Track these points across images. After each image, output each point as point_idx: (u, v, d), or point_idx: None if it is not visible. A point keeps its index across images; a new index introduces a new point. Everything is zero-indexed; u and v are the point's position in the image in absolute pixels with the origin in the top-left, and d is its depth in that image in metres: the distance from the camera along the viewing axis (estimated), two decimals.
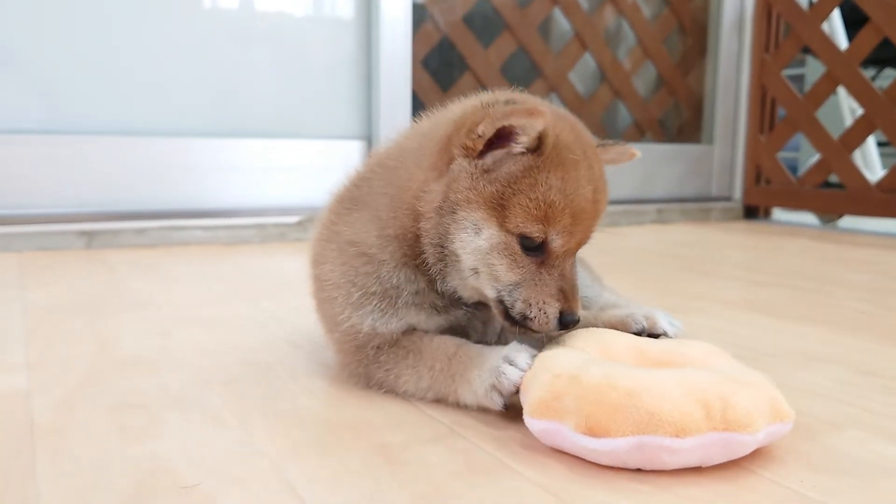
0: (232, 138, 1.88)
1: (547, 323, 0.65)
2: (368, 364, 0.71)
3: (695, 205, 2.56)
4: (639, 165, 2.53)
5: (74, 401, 0.70)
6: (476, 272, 0.67)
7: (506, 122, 0.62)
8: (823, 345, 0.94)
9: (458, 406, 0.67)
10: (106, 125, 1.76)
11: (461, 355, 0.67)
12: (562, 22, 2.43)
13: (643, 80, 2.61)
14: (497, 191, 0.64)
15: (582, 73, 2.48)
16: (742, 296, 1.26)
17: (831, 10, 2.36)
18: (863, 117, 2.26)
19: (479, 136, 0.64)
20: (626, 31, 2.55)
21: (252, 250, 1.73)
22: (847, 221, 2.46)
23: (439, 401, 0.69)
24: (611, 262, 1.62)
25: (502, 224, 0.64)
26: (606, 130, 2.54)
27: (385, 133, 2.02)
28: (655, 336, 0.93)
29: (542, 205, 0.63)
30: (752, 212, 2.67)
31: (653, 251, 1.83)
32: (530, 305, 0.65)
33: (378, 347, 0.70)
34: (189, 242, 1.75)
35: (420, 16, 2.15)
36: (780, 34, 2.53)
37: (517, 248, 0.65)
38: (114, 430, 0.63)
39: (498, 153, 0.65)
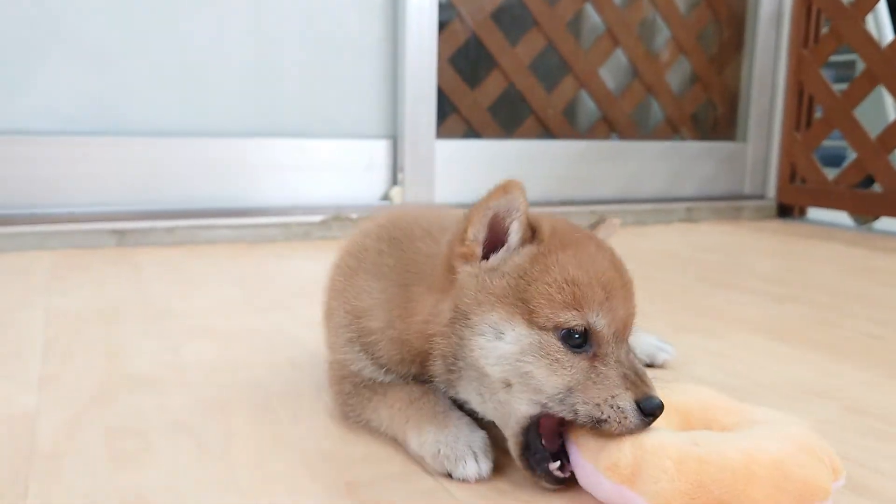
0: (260, 138, 1.92)
1: (626, 418, 0.56)
2: (346, 394, 0.73)
3: (726, 203, 2.52)
4: (668, 163, 2.51)
5: (76, 423, 0.74)
6: (508, 385, 0.59)
7: (484, 209, 0.60)
8: (822, 375, 0.93)
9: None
10: (137, 127, 1.81)
11: (422, 404, 0.67)
12: (593, 16, 2.40)
13: (676, 76, 2.57)
14: (509, 284, 0.59)
15: (613, 68, 2.46)
16: (754, 313, 1.25)
17: (873, 6, 2.29)
18: None
19: (473, 240, 0.61)
20: (660, 24, 2.52)
21: (276, 249, 1.77)
22: (884, 223, 2.40)
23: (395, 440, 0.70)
24: (631, 269, 1.62)
25: (531, 320, 0.58)
26: (638, 127, 2.51)
27: (410, 132, 2.04)
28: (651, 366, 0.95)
29: (565, 285, 0.58)
30: (787, 211, 2.62)
31: (675, 255, 1.82)
32: (598, 406, 0.56)
33: (356, 385, 0.72)
34: (216, 241, 1.80)
35: (447, 14, 2.15)
36: (820, 29, 2.47)
37: (558, 345, 0.57)
38: (107, 456, 0.67)
39: (500, 253, 0.61)
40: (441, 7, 2.07)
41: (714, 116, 2.66)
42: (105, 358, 0.94)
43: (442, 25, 2.12)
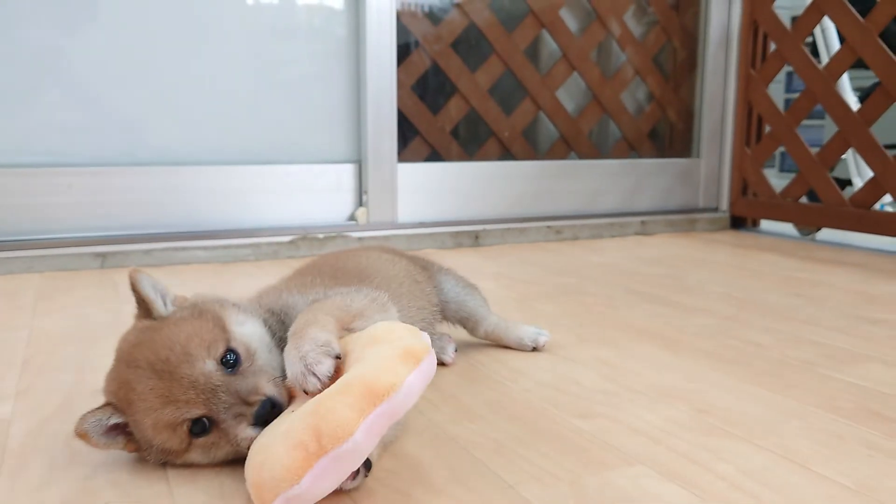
0: (233, 165, 2.08)
1: None
2: None
3: (680, 216, 2.67)
4: (625, 179, 2.66)
5: (42, 429, 0.89)
6: None
7: None
8: (687, 380, 1.08)
9: None
10: (116, 158, 1.97)
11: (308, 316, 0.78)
12: (550, 43, 2.56)
13: (633, 96, 2.72)
14: None
15: (571, 90, 2.61)
16: (660, 325, 1.40)
17: (811, 29, 2.44)
18: (837, 135, 2.35)
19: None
20: (615, 48, 2.67)
21: (246, 268, 1.92)
22: (825, 234, 2.54)
23: None
24: (570, 284, 1.77)
25: None
26: (596, 146, 2.66)
27: (373, 157, 2.20)
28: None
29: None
30: (740, 222, 2.76)
31: (617, 269, 1.97)
32: None
33: None
34: (191, 262, 1.96)
35: (408, 44, 2.30)
36: (767, 50, 2.61)
37: None
38: (66, 454, 0.82)
39: None
40: (402, 37, 2.23)
41: (670, 134, 2.81)
42: (74, 374, 1.09)
43: (404, 55, 2.27)
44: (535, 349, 1.20)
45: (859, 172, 2.68)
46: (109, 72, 1.95)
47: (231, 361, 0.75)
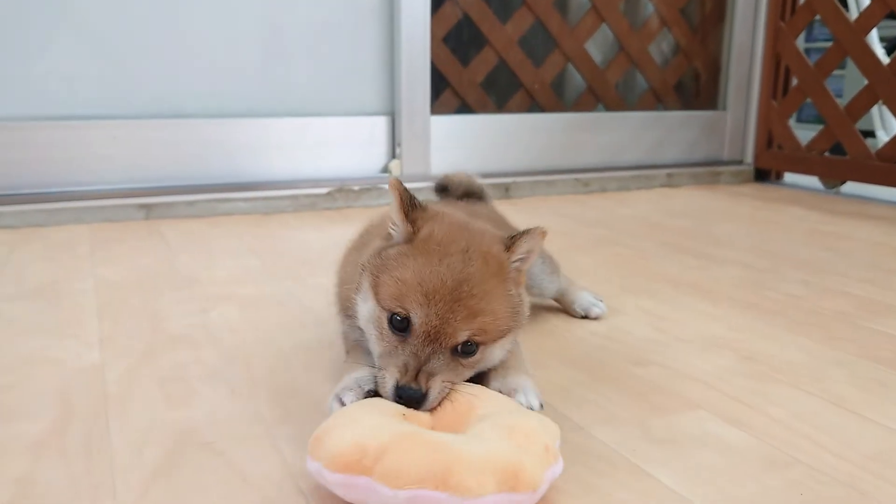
0: (270, 118, 2.12)
1: (385, 390, 0.71)
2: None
3: (705, 169, 2.70)
4: (651, 131, 2.68)
5: (134, 374, 0.96)
6: (368, 341, 0.78)
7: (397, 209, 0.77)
8: (731, 330, 1.13)
9: None
10: (159, 110, 2.01)
11: (356, 354, 0.83)
12: None
13: (660, 48, 2.72)
14: (377, 266, 0.75)
15: (599, 42, 2.61)
16: (697, 276, 1.45)
17: None
18: (867, 88, 2.36)
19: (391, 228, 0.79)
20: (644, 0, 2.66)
21: (286, 220, 1.97)
22: (849, 187, 2.57)
23: None
24: (604, 235, 1.82)
25: (377, 299, 0.75)
26: (623, 98, 2.68)
27: (406, 109, 2.23)
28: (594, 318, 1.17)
29: (398, 282, 0.72)
30: (764, 175, 2.79)
31: (647, 221, 2.01)
32: (377, 375, 0.74)
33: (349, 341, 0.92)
34: (232, 213, 2.01)
35: None
36: (796, 1, 2.60)
37: (385, 323, 0.74)
38: (161, 398, 0.88)
39: (390, 243, 0.79)
40: None
41: (696, 86, 2.82)
42: (148, 321, 1.16)
43: (436, 6, 2.28)
44: (585, 317, 1.18)
45: (884, 125, 2.70)
46: (150, 26, 1.97)
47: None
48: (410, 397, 0.70)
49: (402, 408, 0.70)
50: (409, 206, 0.77)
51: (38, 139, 1.91)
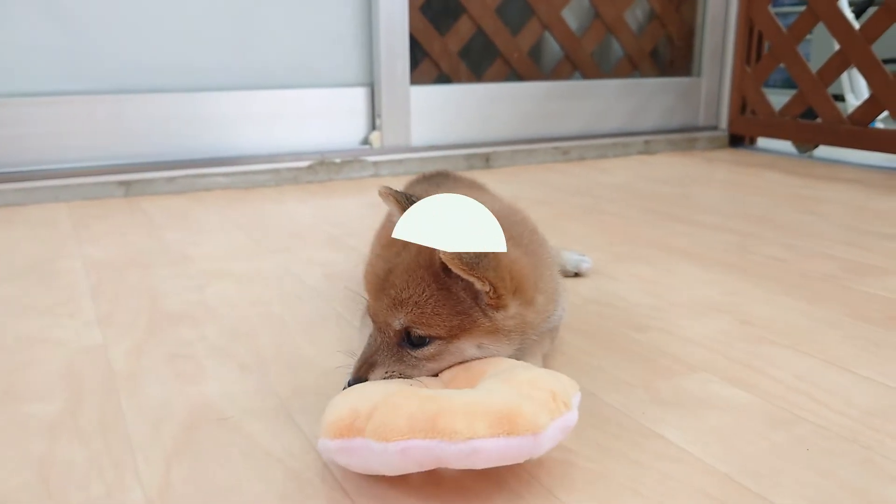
0: (248, 90, 2.09)
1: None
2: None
3: (681, 135, 2.72)
4: (627, 99, 2.69)
5: (139, 352, 0.95)
6: None
7: None
8: (726, 294, 1.16)
9: None
10: (136, 84, 1.97)
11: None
12: None
13: (635, 14, 2.73)
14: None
15: (575, 10, 2.61)
16: (686, 242, 1.47)
17: None
18: (839, 53, 2.39)
19: None
20: None
21: (268, 193, 1.96)
22: (822, 151, 2.62)
23: None
24: (588, 203, 1.84)
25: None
26: (599, 65, 2.68)
27: (386, 80, 2.21)
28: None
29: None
30: (738, 140, 2.83)
31: (629, 188, 2.03)
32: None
33: None
34: (212, 188, 1.98)
35: None
36: None
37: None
38: (172, 374, 0.88)
39: None
40: None
41: (671, 52, 2.84)
42: (145, 299, 1.15)
43: None
44: (577, 275, 1.25)
45: (853, 89, 2.75)
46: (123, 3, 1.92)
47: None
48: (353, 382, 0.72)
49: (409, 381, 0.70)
50: (408, 204, 0.78)
51: (7, 116, 1.86)
